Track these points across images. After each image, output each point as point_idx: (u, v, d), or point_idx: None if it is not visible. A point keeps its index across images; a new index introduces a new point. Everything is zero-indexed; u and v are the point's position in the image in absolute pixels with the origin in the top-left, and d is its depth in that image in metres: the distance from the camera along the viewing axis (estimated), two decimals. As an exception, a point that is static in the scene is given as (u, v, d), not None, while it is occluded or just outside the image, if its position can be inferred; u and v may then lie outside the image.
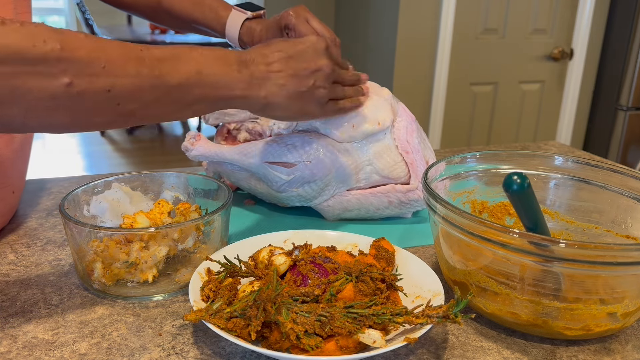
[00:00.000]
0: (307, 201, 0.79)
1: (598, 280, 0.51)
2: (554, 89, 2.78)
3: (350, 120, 0.75)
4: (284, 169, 0.76)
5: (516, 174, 0.50)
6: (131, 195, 0.71)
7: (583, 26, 2.63)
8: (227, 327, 0.48)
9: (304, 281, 0.55)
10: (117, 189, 0.70)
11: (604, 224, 0.67)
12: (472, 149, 1.17)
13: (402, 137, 0.78)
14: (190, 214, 0.67)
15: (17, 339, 0.53)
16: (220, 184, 0.70)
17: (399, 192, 0.78)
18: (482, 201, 0.71)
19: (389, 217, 0.83)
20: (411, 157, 0.78)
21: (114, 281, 0.60)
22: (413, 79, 2.53)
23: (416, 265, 0.61)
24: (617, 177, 0.66)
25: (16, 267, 0.67)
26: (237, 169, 0.81)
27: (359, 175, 0.77)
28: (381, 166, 0.77)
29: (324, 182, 0.76)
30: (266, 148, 0.77)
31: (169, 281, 0.61)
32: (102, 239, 0.60)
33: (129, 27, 4.75)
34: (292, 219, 0.83)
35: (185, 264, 0.62)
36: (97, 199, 0.68)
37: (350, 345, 0.48)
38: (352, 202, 0.79)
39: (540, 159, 0.71)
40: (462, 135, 2.72)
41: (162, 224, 0.65)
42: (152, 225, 0.65)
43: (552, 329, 0.53)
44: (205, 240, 0.63)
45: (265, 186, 0.79)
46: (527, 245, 0.49)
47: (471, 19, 2.49)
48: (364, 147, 0.77)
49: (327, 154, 0.75)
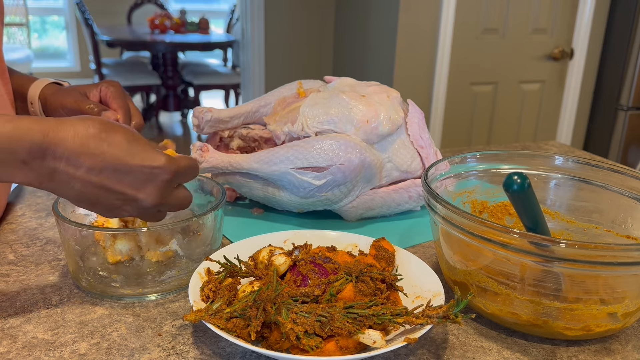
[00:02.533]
0: (332, 204, 0.78)
1: (598, 280, 0.51)
2: (554, 89, 2.78)
3: (370, 122, 0.76)
4: (314, 173, 0.74)
5: (516, 174, 0.50)
6: None
7: (583, 26, 2.63)
8: (227, 327, 0.48)
9: (304, 281, 0.55)
10: None
11: (604, 224, 0.67)
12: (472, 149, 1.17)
13: (416, 133, 0.80)
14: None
15: (17, 339, 0.53)
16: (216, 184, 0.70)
17: (419, 186, 0.81)
18: (483, 201, 0.71)
19: (390, 216, 0.84)
20: (426, 151, 0.81)
21: (94, 275, 0.61)
22: (413, 79, 2.53)
23: (416, 265, 0.60)
24: (617, 177, 0.66)
25: (16, 267, 0.67)
26: (251, 179, 0.79)
27: (382, 174, 0.79)
28: (400, 162, 0.79)
29: (353, 183, 0.76)
30: (292, 154, 0.74)
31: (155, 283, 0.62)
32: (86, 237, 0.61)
33: (129, 27, 4.75)
34: (292, 219, 0.82)
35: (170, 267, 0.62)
36: None
37: (350, 345, 0.48)
38: (377, 200, 0.80)
39: (540, 158, 0.71)
40: (462, 135, 2.72)
41: (134, 226, 0.66)
42: (122, 226, 0.66)
43: (552, 329, 0.53)
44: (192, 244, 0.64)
45: (286, 194, 0.77)
46: (528, 245, 0.49)
47: (471, 18, 2.49)
48: (383, 145, 0.78)
49: (357, 154, 0.74)
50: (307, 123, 0.76)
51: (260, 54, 3.00)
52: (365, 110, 0.76)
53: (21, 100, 0.79)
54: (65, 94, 0.75)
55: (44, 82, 0.78)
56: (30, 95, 0.77)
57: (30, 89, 0.77)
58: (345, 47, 2.97)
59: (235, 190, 0.86)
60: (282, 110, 0.81)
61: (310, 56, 3.06)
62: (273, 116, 0.82)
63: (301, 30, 2.99)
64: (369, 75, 2.73)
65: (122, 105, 0.73)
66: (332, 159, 0.73)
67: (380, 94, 0.80)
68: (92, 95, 0.75)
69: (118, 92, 0.74)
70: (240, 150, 0.85)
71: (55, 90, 0.76)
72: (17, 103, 0.79)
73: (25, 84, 0.78)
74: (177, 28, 4.38)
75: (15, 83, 0.79)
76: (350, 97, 0.77)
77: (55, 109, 0.75)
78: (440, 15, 2.43)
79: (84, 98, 0.73)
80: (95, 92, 0.75)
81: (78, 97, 0.73)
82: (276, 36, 2.98)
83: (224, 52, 5.20)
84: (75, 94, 0.74)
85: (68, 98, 0.74)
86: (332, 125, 0.76)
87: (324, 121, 0.76)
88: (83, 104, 0.72)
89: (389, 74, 2.53)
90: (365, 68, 2.79)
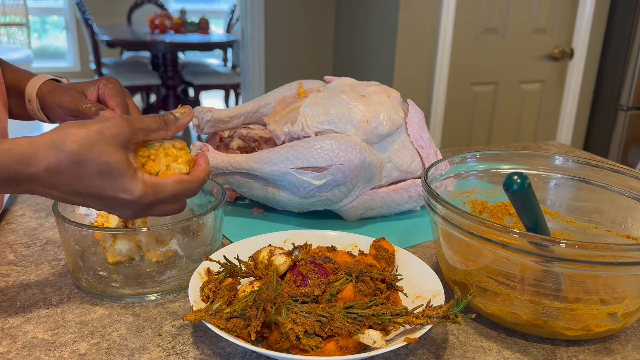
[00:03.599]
0: (332, 204, 0.78)
1: (598, 280, 0.51)
2: (554, 89, 2.78)
3: (370, 122, 0.76)
4: (314, 173, 0.74)
5: (516, 174, 0.50)
6: None
7: (583, 26, 2.63)
8: (226, 327, 0.48)
9: (304, 281, 0.55)
10: None
11: (604, 224, 0.67)
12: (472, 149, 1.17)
13: (416, 133, 0.81)
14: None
15: (17, 339, 0.53)
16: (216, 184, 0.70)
17: (419, 186, 0.81)
18: (483, 201, 0.71)
19: (390, 216, 0.84)
20: (426, 151, 0.81)
21: (94, 275, 0.61)
22: (413, 79, 2.53)
23: (416, 265, 0.60)
24: (617, 177, 0.66)
25: (16, 267, 0.67)
26: (251, 179, 0.79)
27: (382, 174, 0.79)
28: (400, 162, 0.79)
29: (353, 183, 0.76)
30: (292, 154, 0.74)
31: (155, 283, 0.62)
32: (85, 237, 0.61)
33: (129, 27, 4.75)
34: (292, 219, 0.82)
35: (170, 267, 0.62)
36: None
37: (350, 345, 0.48)
38: (377, 200, 0.80)
39: (540, 158, 0.71)
40: (462, 135, 2.72)
41: (134, 226, 0.66)
42: (122, 226, 0.66)
43: (552, 329, 0.53)
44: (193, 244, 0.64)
45: (286, 194, 0.77)
46: (528, 245, 0.49)
47: (471, 18, 2.49)
48: (383, 145, 0.78)
49: (357, 154, 0.74)
50: (307, 123, 0.76)
51: (260, 54, 3.00)
52: (365, 110, 0.76)
53: (18, 97, 0.77)
54: (63, 92, 0.74)
55: (42, 78, 0.77)
56: (27, 92, 0.76)
57: (27, 86, 0.76)
58: (345, 47, 2.97)
59: (235, 190, 0.86)
60: (282, 110, 0.81)
61: (310, 56, 3.06)
62: (273, 116, 0.82)
63: (301, 30, 2.99)
64: (369, 75, 2.73)
65: (120, 103, 0.72)
66: (332, 159, 0.73)
67: (380, 94, 0.80)
68: (89, 94, 0.73)
69: (116, 89, 0.73)
70: (240, 150, 0.85)
71: (53, 88, 0.75)
72: (14, 100, 0.78)
73: (23, 81, 0.77)
74: (177, 28, 4.38)
75: (12, 79, 0.78)
76: (350, 97, 0.78)
77: (52, 107, 0.74)
78: (440, 15, 2.43)
79: (81, 97, 0.72)
80: (93, 90, 0.73)
81: (75, 96, 0.72)
82: (276, 36, 2.98)
83: (224, 52, 5.20)
84: (72, 92, 0.73)
85: (65, 97, 0.73)
86: (332, 125, 0.76)
87: (324, 121, 0.76)
88: (80, 103, 0.71)
89: (389, 74, 2.53)
90: (365, 68, 2.79)
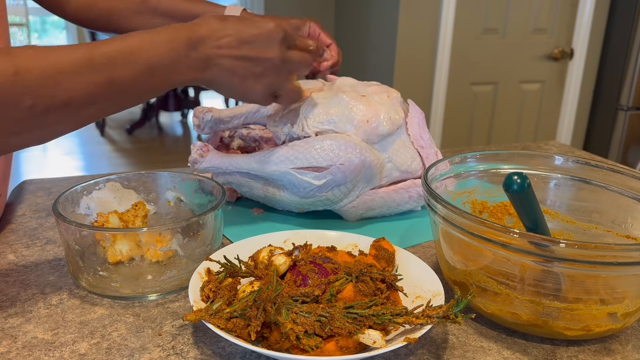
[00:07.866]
0: (332, 204, 0.78)
1: (598, 280, 0.51)
2: (554, 89, 2.78)
3: (370, 122, 0.77)
4: (314, 173, 0.74)
5: (516, 174, 0.50)
6: (122, 193, 0.71)
7: (583, 26, 2.63)
8: (227, 327, 0.48)
9: (304, 281, 0.55)
10: (108, 188, 0.71)
11: (604, 224, 0.67)
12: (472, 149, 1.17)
13: (416, 133, 0.81)
14: (136, 219, 0.69)
15: (17, 339, 0.53)
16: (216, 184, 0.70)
17: (419, 186, 0.80)
18: (483, 201, 0.71)
19: (390, 216, 0.84)
20: (426, 151, 0.81)
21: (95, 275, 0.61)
22: (413, 79, 2.53)
23: (416, 265, 0.60)
24: (617, 177, 0.66)
25: (16, 267, 0.67)
26: (252, 178, 0.79)
27: (382, 174, 0.79)
28: (400, 162, 0.79)
29: (353, 183, 0.76)
30: (292, 154, 0.74)
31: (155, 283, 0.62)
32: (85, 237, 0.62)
33: (129, 27, 4.75)
34: (292, 219, 0.82)
35: (169, 267, 0.62)
36: (89, 197, 0.70)
37: (350, 345, 0.48)
38: (377, 200, 0.80)
39: (540, 158, 0.71)
40: (462, 135, 2.72)
41: (134, 226, 0.67)
42: (123, 226, 0.66)
43: (552, 329, 0.53)
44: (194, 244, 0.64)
45: (286, 194, 0.77)
46: (528, 245, 0.49)
47: (471, 18, 2.49)
48: (383, 145, 0.78)
49: (357, 154, 0.74)
50: (307, 123, 0.76)
51: (260, 54, 3.00)
52: (366, 110, 0.76)
53: None
54: None
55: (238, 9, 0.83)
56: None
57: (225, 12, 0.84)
58: (345, 47, 2.97)
59: (235, 190, 0.86)
60: (282, 110, 0.81)
61: (310, 56, 3.05)
62: (273, 116, 0.82)
63: (301, 30, 2.99)
64: (369, 75, 2.73)
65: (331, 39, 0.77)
66: (332, 159, 0.73)
67: (381, 93, 0.80)
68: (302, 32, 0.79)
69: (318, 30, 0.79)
70: (240, 150, 0.85)
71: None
72: None
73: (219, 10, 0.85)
74: (177, 28, 4.37)
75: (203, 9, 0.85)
76: (351, 97, 0.78)
77: None
78: (440, 15, 2.43)
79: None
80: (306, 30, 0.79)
81: None
82: (276, 36, 2.97)
83: (224, 52, 5.19)
84: None
85: None
86: (332, 125, 0.76)
87: (324, 121, 0.76)
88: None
89: (389, 74, 2.53)
90: (366, 68, 2.79)
